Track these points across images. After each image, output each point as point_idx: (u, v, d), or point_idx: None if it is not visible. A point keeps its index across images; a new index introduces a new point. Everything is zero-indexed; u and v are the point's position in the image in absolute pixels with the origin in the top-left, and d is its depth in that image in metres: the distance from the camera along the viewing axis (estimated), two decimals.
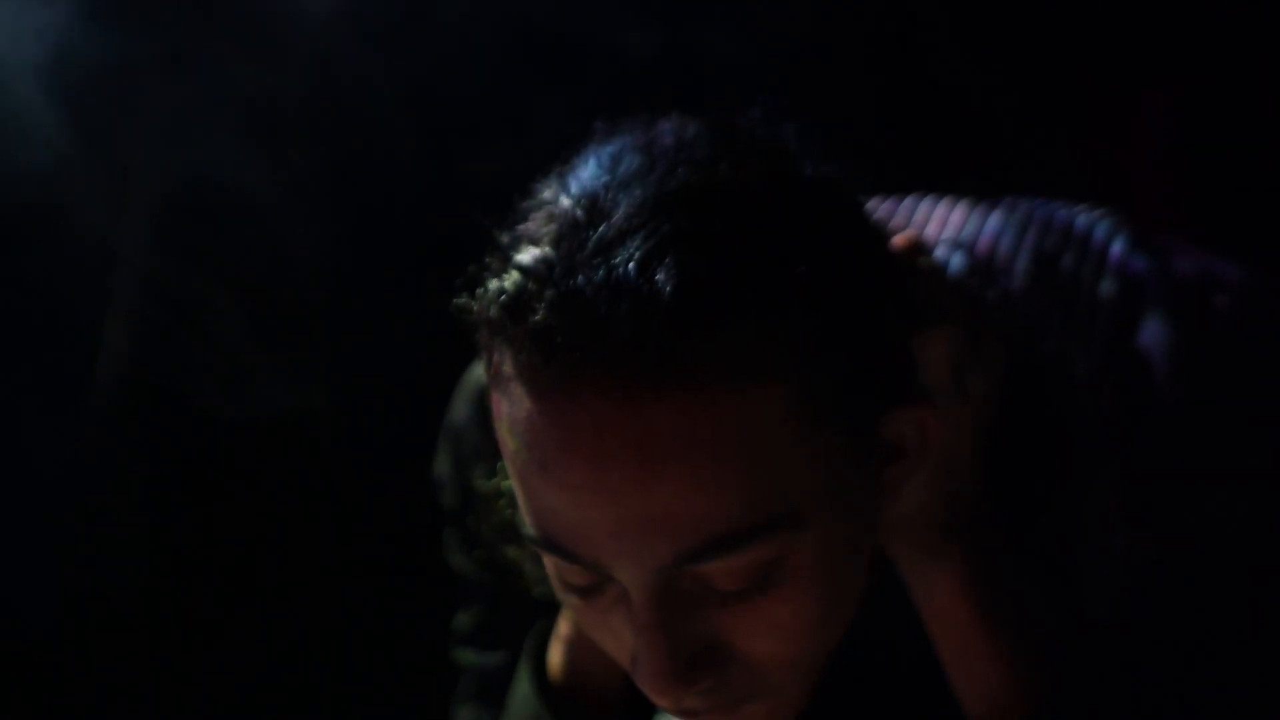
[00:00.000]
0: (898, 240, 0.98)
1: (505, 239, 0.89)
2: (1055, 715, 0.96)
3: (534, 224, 0.88)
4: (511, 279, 0.86)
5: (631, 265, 0.82)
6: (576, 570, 0.91)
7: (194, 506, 1.80)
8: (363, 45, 1.60)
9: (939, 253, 1.04)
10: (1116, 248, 1.03)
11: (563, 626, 1.11)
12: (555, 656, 1.12)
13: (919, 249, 0.98)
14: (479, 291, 0.88)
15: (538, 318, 0.83)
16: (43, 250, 1.63)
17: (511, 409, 0.88)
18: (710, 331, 0.83)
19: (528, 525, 0.92)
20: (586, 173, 0.89)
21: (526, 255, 0.86)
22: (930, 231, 1.06)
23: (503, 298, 0.86)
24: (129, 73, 1.54)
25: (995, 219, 1.05)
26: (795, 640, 0.92)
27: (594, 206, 0.86)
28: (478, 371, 1.17)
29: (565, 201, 0.87)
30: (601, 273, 0.83)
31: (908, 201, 1.09)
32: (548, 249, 0.85)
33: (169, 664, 1.77)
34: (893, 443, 0.93)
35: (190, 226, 1.68)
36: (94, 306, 1.72)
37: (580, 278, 0.83)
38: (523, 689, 1.13)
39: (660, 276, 0.82)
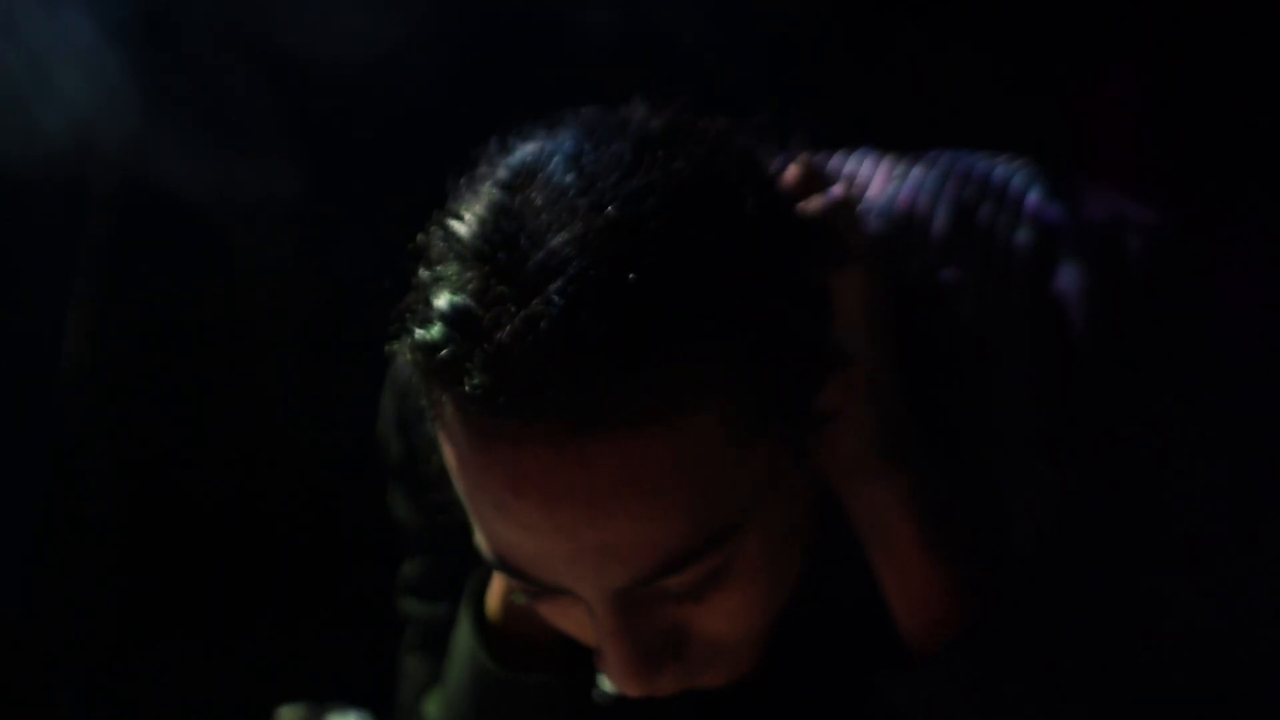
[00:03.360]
0: (788, 176, 0.98)
1: (425, 277, 0.90)
2: (987, 633, 0.99)
3: (452, 264, 0.88)
4: (436, 330, 0.87)
5: (556, 317, 0.83)
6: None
7: (162, 506, 1.82)
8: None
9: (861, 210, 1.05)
10: (1032, 197, 1.04)
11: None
12: (495, 601, 1.14)
13: (816, 181, 0.99)
14: (404, 336, 0.90)
15: (475, 381, 0.85)
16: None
17: (459, 452, 0.91)
18: (641, 373, 0.85)
19: (485, 550, 0.95)
20: (497, 201, 0.89)
21: (447, 304, 0.87)
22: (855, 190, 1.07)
23: (435, 356, 0.87)
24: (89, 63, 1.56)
25: (916, 173, 1.07)
26: (749, 619, 0.97)
27: (511, 248, 0.86)
28: None
29: (480, 241, 0.88)
30: (528, 327, 0.84)
31: (835, 158, 1.11)
32: (468, 300, 0.86)
33: (140, 659, 1.79)
34: (825, 411, 0.95)
35: (153, 222, 1.70)
36: (58, 297, 1.74)
37: (507, 334, 0.84)
38: (463, 633, 1.15)
39: (585, 327, 0.83)
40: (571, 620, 0.99)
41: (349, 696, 1.38)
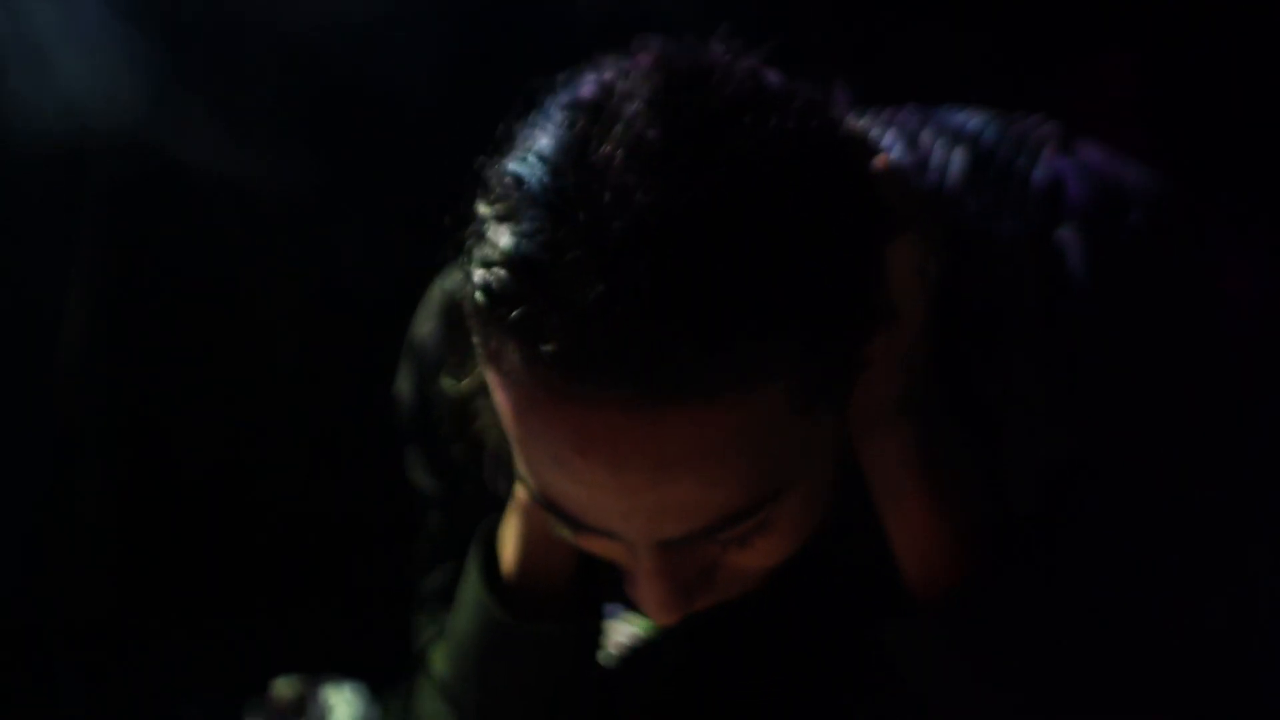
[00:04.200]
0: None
1: (486, 213, 0.88)
2: (983, 587, 1.01)
3: (518, 205, 0.86)
4: (503, 276, 0.85)
5: (643, 288, 0.83)
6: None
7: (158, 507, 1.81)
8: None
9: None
10: (1023, 160, 1.05)
11: (513, 519, 1.13)
12: (506, 549, 1.14)
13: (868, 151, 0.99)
14: (463, 275, 0.89)
15: (552, 346, 0.84)
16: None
17: (519, 402, 0.90)
18: (721, 348, 0.85)
19: (531, 487, 0.95)
20: (570, 145, 0.86)
21: (515, 251, 0.85)
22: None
23: (503, 306, 0.85)
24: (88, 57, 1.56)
25: (909, 136, 1.07)
26: (780, 556, 0.99)
27: (591, 206, 0.84)
28: (443, 285, 1.19)
29: (553, 192, 0.85)
30: (613, 296, 0.83)
31: None
32: (541, 252, 0.84)
33: (137, 634, 1.77)
34: (863, 362, 0.95)
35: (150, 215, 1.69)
36: (54, 297, 1.72)
37: (591, 301, 0.83)
38: (471, 583, 1.14)
39: (672, 301, 0.83)
40: (605, 548, 0.98)
41: (344, 670, 1.38)
